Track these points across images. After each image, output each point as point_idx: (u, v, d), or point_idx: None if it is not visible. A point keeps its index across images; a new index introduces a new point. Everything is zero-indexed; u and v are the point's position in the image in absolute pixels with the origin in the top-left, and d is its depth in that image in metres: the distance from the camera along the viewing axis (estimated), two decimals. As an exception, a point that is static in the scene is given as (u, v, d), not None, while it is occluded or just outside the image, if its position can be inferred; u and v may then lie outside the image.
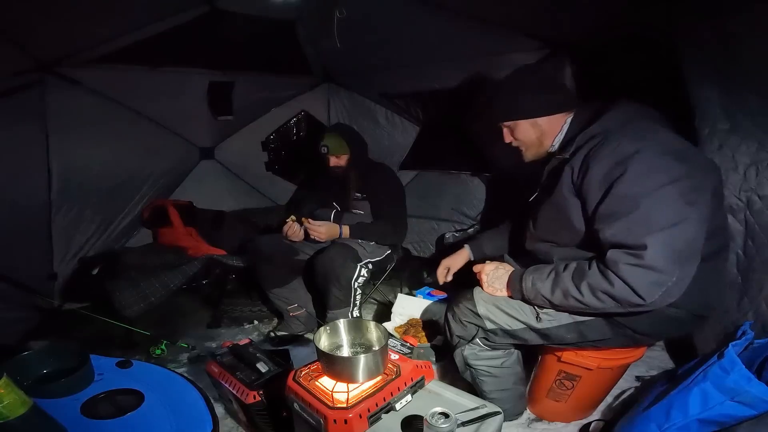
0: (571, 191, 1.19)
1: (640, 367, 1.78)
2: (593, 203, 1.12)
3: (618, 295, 1.05)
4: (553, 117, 1.33)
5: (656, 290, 1.02)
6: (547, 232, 1.33)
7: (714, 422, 1.12)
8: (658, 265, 1.00)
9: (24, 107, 2.17)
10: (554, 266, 1.22)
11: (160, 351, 2.06)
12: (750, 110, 1.37)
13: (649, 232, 1.01)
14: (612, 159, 1.08)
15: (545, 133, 1.35)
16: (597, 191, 1.10)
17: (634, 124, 1.14)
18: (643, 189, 1.03)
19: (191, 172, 3.17)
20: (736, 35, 1.36)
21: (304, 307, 2.30)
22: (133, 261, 2.44)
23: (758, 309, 1.41)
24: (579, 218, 1.19)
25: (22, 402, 0.91)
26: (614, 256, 1.05)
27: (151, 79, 2.55)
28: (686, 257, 1.03)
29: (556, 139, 1.34)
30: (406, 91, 2.89)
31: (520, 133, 1.38)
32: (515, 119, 1.36)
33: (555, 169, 1.28)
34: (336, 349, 1.27)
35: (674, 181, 1.02)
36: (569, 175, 1.19)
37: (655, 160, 1.05)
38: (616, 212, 1.06)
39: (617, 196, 1.06)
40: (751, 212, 1.43)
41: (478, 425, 1.07)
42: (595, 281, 1.09)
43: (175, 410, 1.14)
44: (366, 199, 2.27)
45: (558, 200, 1.23)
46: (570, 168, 1.18)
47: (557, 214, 1.25)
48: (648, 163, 1.04)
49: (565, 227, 1.24)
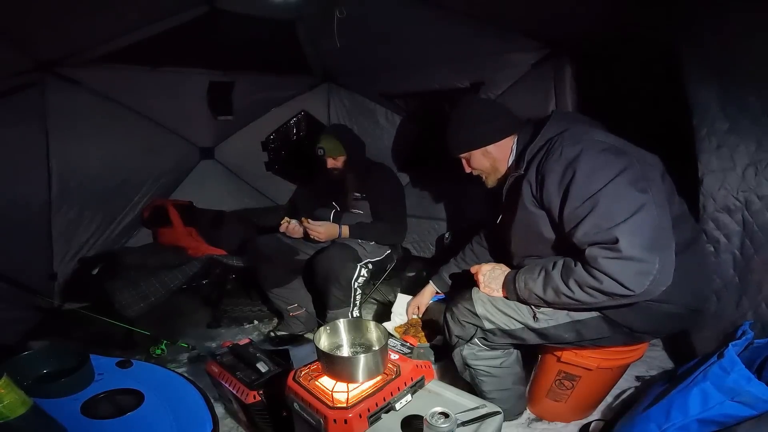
0: (534, 204, 1.25)
1: (640, 367, 1.78)
2: (556, 210, 1.18)
3: (605, 289, 1.07)
4: (501, 143, 1.41)
5: (643, 280, 1.03)
6: (526, 249, 1.37)
7: (714, 422, 1.12)
8: (635, 255, 1.02)
9: (24, 107, 2.17)
10: (544, 265, 1.23)
11: (160, 351, 2.06)
12: (749, 110, 1.37)
13: (616, 225, 1.04)
14: (560, 165, 1.15)
15: (497, 159, 1.44)
16: (556, 198, 1.16)
17: (570, 130, 1.21)
18: (595, 186, 1.08)
19: (191, 172, 3.16)
20: (735, 35, 1.36)
21: (304, 307, 2.30)
22: (133, 261, 2.45)
23: (758, 309, 1.41)
24: (549, 228, 1.25)
25: (22, 402, 0.92)
26: (593, 253, 1.08)
27: (151, 79, 2.55)
28: (660, 242, 1.05)
29: (509, 160, 1.42)
30: (406, 91, 2.88)
31: (475, 162, 1.47)
32: (465, 151, 1.47)
33: (512, 186, 1.35)
34: (336, 349, 1.27)
35: (620, 172, 1.08)
36: (528, 189, 1.25)
37: (598, 157, 1.12)
38: (579, 214, 1.11)
39: (574, 198, 1.11)
40: (749, 212, 1.43)
41: (478, 425, 1.07)
42: (582, 278, 1.11)
43: (175, 410, 1.14)
44: (365, 199, 2.27)
45: (524, 216, 1.29)
46: (527, 182, 1.25)
47: (527, 229, 1.31)
48: (591, 162, 1.11)
49: (539, 240, 1.29)
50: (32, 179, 2.31)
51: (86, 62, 2.26)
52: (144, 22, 2.17)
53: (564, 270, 1.16)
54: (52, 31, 1.96)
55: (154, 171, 2.87)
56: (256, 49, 2.68)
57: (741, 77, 1.38)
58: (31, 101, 2.19)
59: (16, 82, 2.06)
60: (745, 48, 1.34)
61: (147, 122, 2.74)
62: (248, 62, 2.79)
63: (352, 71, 3.09)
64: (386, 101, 3.07)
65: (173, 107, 2.76)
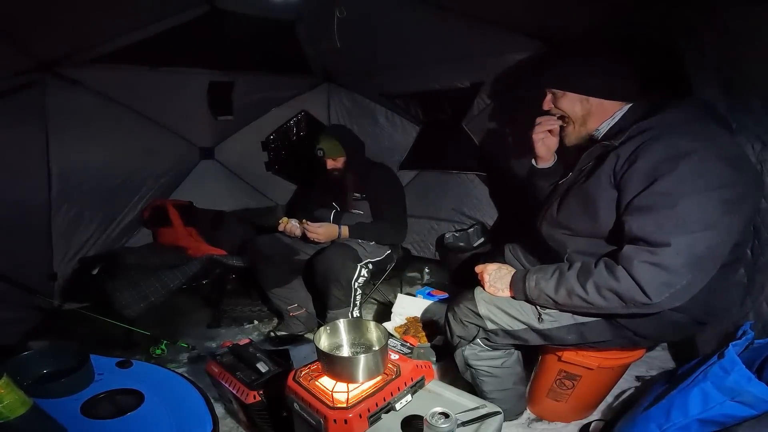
0: (610, 180, 1.14)
1: (640, 367, 1.78)
2: (630, 195, 1.08)
3: (624, 292, 1.05)
4: (608, 103, 1.26)
5: (664, 291, 1.01)
6: (568, 217, 1.28)
7: (714, 422, 1.12)
8: (673, 266, 0.99)
9: (24, 107, 2.17)
10: (558, 266, 1.22)
11: (160, 351, 2.06)
12: (752, 110, 1.36)
13: (678, 232, 0.99)
14: (664, 154, 1.03)
15: (592, 115, 1.28)
16: (639, 183, 1.06)
17: (696, 124, 1.09)
18: (687, 189, 0.99)
19: (191, 172, 3.16)
20: (736, 35, 1.35)
21: (304, 307, 2.30)
22: (133, 261, 2.44)
23: (759, 309, 1.40)
24: (606, 208, 1.15)
25: (22, 402, 0.92)
26: (630, 252, 1.04)
27: (151, 79, 2.55)
28: (703, 264, 1.01)
29: (604, 124, 1.28)
30: (406, 91, 2.88)
31: (567, 103, 1.30)
32: (566, 89, 1.29)
33: (598, 155, 1.23)
34: (336, 349, 1.27)
35: (721, 187, 0.99)
36: (613, 162, 1.14)
37: (709, 163, 1.00)
38: (651, 206, 1.03)
39: (658, 191, 1.02)
40: (757, 213, 1.42)
41: (478, 425, 1.07)
42: (601, 279, 1.08)
43: (175, 410, 1.14)
44: (365, 199, 2.27)
45: (591, 186, 1.19)
46: (616, 156, 1.13)
47: (585, 199, 1.21)
48: (701, 165, 1.00)
49: (588, 214, 1.20)
50: (32, 179, 2.31)
51: (86, 62, 2.26)
52: (144, 22, 2.17)
53: (581, 271, 1.14)
54: (52, 31, 1.96)
55: (154, 171, 2.86)
56: (256, 49, 2.68)
57: (743, 77, 1.37)
58: (31, 101, 2.19)
59: (16, 82, 2.06)
60: (746, 48, 1.33)
61: (147, 122, 2.73)
62: (248, 62, 2.79)
63: (352, 71, 3.09)
64: (386, 101, 3.07)
65: (173, 107, 2.76)
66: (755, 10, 1.24)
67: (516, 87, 2.31)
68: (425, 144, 3.04)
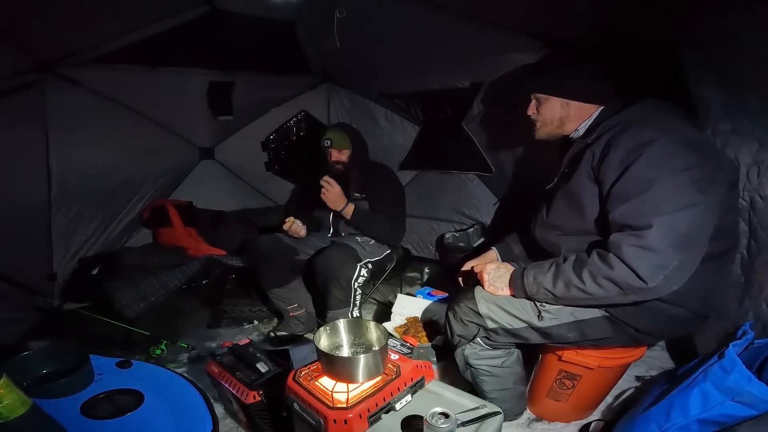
0: (590, 176, 1.21)
1: (640, 367, 1.78)
2: (608, 185, 1.15)
3: (619, 278, 1.07)
4: (586, 105, 1.35)
5: (657, 273, 1.03)
6: (557, 218, 1.34)
7: (714, 422, 1.12)
8: (659, 247, 1.02)
9: (24, 107, 2.17)
10: (555, 260, 1.23)
11: (160, 351, 2.07)
12: (750, 110, 1.36)
13: (657, 213, 1.03)
14: (631, 143, 1.11)
15: (570, 117, 1.37)
16: (613, 173, 1.13)
17: (658, 116, 1.18)
18: (656, 173, 1.06)
19: (191, 172, 3.16)
20: (736, 35, 1.35)
21: (304, 307, 2.30)
22: (132, 261, 2.44)
23: (759, 309, 1.40)
24: (591, 204, 1.22)
25: (22, 402, 0.91)
26: (617, 239, 1.08)
27: (151, 79, 2.55)
28: (689, 243, 1.04)
29: (582, 125, 1.37)
30: (406, 91, 2.88)
31: (547, 108, 1.39)
32: (548, 94, 1.38)
33: (576, 155, 1.30)
34: (336, 349, 1.27)
35: (688, 168, 1.05)
36: (590, 159, 1.21)
37: (672, 147, 1.08)
38: (628, 193, 1.09)
39: (631, 177, 1.09)
40: (754, 212, 1.43)
41: (478, 425, 1.07)
42: (596, 268, 1.11)
43: (175, 410, 1.14)
44: (365, 199, 2.28)
45: (574, 185, 1.26)
46: (591, 153, 1.21)
47: (570, 198, 1.28)
48: (665, 150, 1.07)
49: (575, 211, 1.26)
50: (32, 179, 2.31)
51: (86, 62, 2.26)
52: (144, 22, 2.17)
53: (577, 263, 1.17)
54: (52, 31, 1.96)
55: (154, 171, 2.86)
56: (256, 49, 2.68)
57: (742, 77, 1.37)
58: (31, 101, 2.19)
59: (16, 82, 2.06)
60: (745, 48, 1.33)
61: (147, 122, 2.73)
62: (248, 62, 2.79)
63: (352, 71, 3.09)
64: (386, 101, 3.07)
65: (173, 107, 2.76)
66: (754, 10, 1.24)
67: (516, 87, 2.30)
68: (425, 144, 3.03)
